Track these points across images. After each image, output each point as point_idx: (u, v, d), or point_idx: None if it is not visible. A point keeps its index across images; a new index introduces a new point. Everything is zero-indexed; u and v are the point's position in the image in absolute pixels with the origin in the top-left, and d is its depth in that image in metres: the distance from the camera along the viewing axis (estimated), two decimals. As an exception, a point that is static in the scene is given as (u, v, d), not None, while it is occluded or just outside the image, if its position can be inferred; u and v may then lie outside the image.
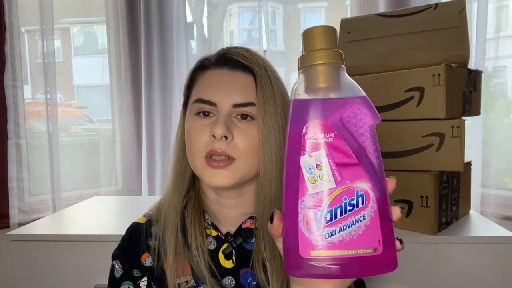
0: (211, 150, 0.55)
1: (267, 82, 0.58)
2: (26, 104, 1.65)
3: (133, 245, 0.64)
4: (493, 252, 0.94)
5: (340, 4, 1.91)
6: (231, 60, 0.60)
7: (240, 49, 0.61)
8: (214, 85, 0.59)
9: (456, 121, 0.91)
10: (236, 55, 0.60)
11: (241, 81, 0.58)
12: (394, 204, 0.39)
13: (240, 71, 0.59)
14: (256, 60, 0.59)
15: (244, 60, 0.59)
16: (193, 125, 0.58)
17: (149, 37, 1.77)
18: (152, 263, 0.63)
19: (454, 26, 0.99)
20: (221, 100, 0.57)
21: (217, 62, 0.60)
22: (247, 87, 0.58)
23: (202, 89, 0.60)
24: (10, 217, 1.56)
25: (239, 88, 0.58)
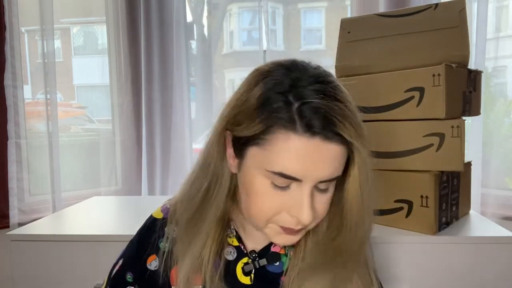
0: (288, 228, 0.51)
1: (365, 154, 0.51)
2: (26, 104, 1.65)
3: (143, 245, 0.62)
4: (493, 252, 0.94)
5: (340, 4, 1.90)
6: (326, 127, 0.46)
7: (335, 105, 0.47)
8: (303, 160, 0.46)
9: (456, 121, 0.91)
10: (334, 123, 0.46)
11: (334, 156, 0.48)
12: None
13: (335, 143, 0.47)
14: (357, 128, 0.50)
15: (344, 131, 0.47)
16: (266, 193, 0.50)
17: (149, 37, 1.77)
18: (157, 267, 0.60)
19: (454, 26, 0.98)
20: (307, 176, 0.47)
21: (309, 128, 0.46)
22: (339, 162, 0.49)
23: (287, 163, 0.47)
24: (10, 217, 1.56)
25: (331, 164, 0.48)
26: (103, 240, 1.01)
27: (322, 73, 0.51)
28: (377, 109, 1.02)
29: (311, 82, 0.48)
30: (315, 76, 0.49)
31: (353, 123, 0.48)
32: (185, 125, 1.85)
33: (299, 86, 0.47)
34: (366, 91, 1.04)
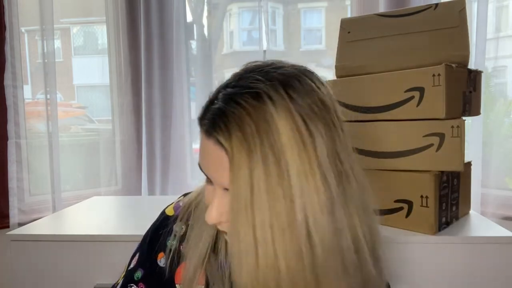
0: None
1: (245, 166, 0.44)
2: (26, 104, 1.65)
3: (155, 241, 0.63)
4: (493, 252, 0.94)
5: (340, 4, 1.90)
6: (205, 125, 0.48)
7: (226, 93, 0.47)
8: (202, 155, 0.49)
9: (456, 121, 0.91)
10: (210, 117, 0.47)
11: (212, 151, 0.46)
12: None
13: (213, 143, 0.46)
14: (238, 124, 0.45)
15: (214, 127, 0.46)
16: (205, 191, 0.53)
17: (149, 37, 1.76)
18: (165, 264, 0.60)
19: (454, 26, 0.99)
20: (211, 177, 0.48)
21: (199, 119, 0.50)
22: (218, 160, 0.46)
23: (199, 152, 0.50)
24: (10, 217, 1.56)
25: (212, 160, 0.47)
26: (103, 240, 1.01)
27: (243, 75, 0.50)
28: (377, 109, 1.02)
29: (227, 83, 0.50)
30: (236, 77, 0.50)
31: (233, 128, 0.45)
32: (185, 125, 1.85)
33: (219, 87, 0.51)
34: (366, 91, 1.04)
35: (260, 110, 0.44)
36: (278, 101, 0.45)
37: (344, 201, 0.47)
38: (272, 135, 0.43)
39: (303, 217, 0.43)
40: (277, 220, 0.43)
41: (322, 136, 0.46)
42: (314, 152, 0.44)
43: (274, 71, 0.49)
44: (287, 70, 0.49)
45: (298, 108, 0.45)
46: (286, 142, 0.43)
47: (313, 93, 0.48)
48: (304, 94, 0.46)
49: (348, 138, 0.51)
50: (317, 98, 0.47)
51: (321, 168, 0.45)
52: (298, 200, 0.43)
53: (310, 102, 0.46)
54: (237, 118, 0.44)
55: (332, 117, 0.48)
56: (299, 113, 0.45)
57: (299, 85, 0.47)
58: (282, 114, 0.44)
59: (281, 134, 0.43)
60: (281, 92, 0.45)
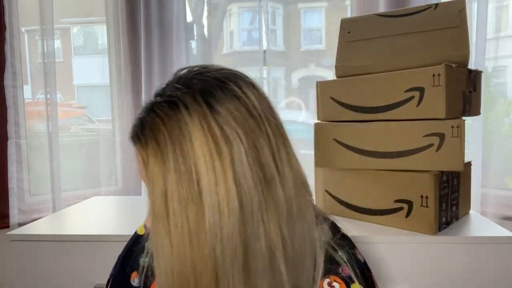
0: None
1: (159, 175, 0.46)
2: (26, 104, 1.65)
3: (126, 262, 0.63)
4: (493, 252, 0.94)
5: (340, 4, 1.90)
6: (130, 134, 0.52)
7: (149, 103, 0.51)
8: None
9: (456, 121, 0.91)
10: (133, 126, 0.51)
11: (140, 166, 0.50)
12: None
13: (136, 151, 0.51)
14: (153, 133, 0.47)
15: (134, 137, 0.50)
16: None
17: (149, 37, 1.76)
18: (139, 283, 0.61)
19: (454, 26, 0.99)
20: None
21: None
22: (140, 164, 0.50)
23: None
24: (10, 217, 1.56)
25: (142, 176, 0.50)
26: (103, 240, 1.01)
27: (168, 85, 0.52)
28: (377, 109, 1.02)
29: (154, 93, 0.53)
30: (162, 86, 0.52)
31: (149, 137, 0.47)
32: (185, 125, 1.84)
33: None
34: (366, 91, 1.04)
35: (174, 119, 0.46)
36: (194, 109, 0.46)
37: (263, 208, 0.46)
38: (185, 144, 0.44)
39: (211, 224, 0.44)
40: (188, 226, 0.44)
41: (242, 143, 0.45)
42: (230, 160, 0.44)
43: (196, 77, 0.49)
44: (210, 76, 0.50)
45: (215, 115, 0.45)
46: (198, 150, 0.44)
47: (235, 99, 0.47)
48: (224, 100, 0.47)
49: (283, 143, 0.50)
50: (239, 104, 0.47)
51: (236, 175, 0.44)
52: (207, 207, 0.44)
53: (231, 109, 0.46)
54: (153, 127, 0.47)
55: (258, 123, 0.48)
56: (216, 120, 0.45)
57: (220, 92, 0.47)
58: (196, 122, 0.45)
59: (194, 142, 0.44)
60: (198, 99, 0.46)
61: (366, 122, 1.04)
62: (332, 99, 1.10)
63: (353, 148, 1.06)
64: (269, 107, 0.51)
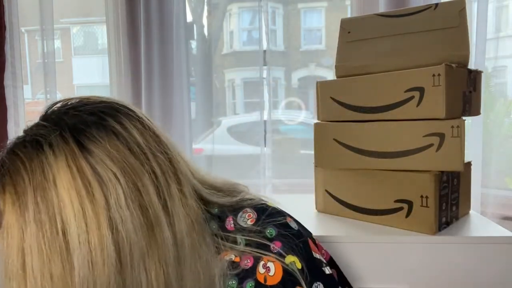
0: None
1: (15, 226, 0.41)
2: (26, 104, 1.65)
3: None
4: (493, 252, 0.94)
5: (340, 4, 1.90)
6: None
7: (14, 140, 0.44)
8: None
9: (456, 121, 0.91)
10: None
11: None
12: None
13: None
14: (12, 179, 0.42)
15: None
16: None
17: (149, 37, 1.76)
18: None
19: (454, 26, 0.99)
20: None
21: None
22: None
23: None
24: (10, 217, 1.56)
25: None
26: (103, 240, 1.01)
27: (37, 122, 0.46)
28: (377, 109, 1.02)
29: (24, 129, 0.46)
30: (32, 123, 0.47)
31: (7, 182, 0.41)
32: (185, 125, 1.85)
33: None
34: (366, 91, 1.04)
35: (37, 161, 0.41)
36: (60, 148, 0.41)
37: (145, 254, 0.41)
38: (49, 189, 0.40)
39: (81, 278, 0.39)
40: (51, 286, 0.38)
41: (120, 184, 0.41)
42: (104, 204, 0.40)
43: (68, 112, 0.44)
44: (85, 111, 0.45)
45: (86, 155, 0.41)
46: (65, 196, 0.39)
47: (113, 136, 0.44)
48: (99, 138, 0.43)
49: (175, 180, 0.46)
50: (117, 142, 0.43)
51: (111, 221, 0.40)
52: (77, 260, 0.38)
53: (108, 147, 0.42)
54: (12, 171, 0.41)
55: (141, 161, 0.44)
56: (87, 160, 0.41)
57: (94, 129, 0.43)
58: (62, 163, 0.40)
59: (59, 187, 0.39)
60: (67, 137, 0.42)
61: (366, 122, 1.04)
62: (332, 99, 1.10)
63: (353, 148, 1.06)
64: (157, 141, 0.47)
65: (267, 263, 0.48)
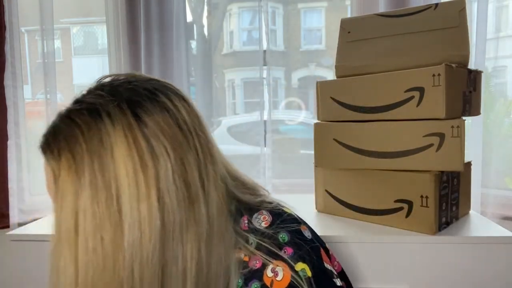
0: None
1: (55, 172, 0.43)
2: (26, 104, 1.65)
3: None
4: (493, 252, 0.94)
5: (340, 4, 1.90)
6: (40, 141, 0.47)
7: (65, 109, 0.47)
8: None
9: (456, 121, 0.91)
10: (44, 134, 0.47)
11: (49, 179, 0.46)
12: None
13: (45, 161, 0.47)
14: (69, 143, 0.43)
15: (45, 146, 0.46)
16: None
17: (149, 37, 1.76)
18: None
19: (454, 26, 0.99)
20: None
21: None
22: (47, 174, 0.47)
23: None
24: (10, 217, 1.56)
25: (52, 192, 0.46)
26: (103, 240, 1.01)
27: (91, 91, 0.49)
28: (377, 109, 1.02)
29: (73, 100, 0.50)
30: (83, 93, 0.50)
31: (63, 148, 0.43)
32: (185, 125, 1.84)
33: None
34: (366, 91, 1.04)
35: (95, 128, 0.42)
36: (118, 118, 0.42)
37: (184, 228, 0.43)
38: (106, 157, 0.41)
39: (130, 244, 0.40)
40: (102, 248, 0.40)
41: (169, 159, 0.42)
42: (155, 176, 0.41)
43: (123, 85, 0.46)
44: (139, 86, 0.46)
45: (142, 127, 0.42)
46: (120, 164, 0.41)
47: (165, 111, 0.45)
48: (153, 112, 0.44)
49: (211, 161, 0.48)
50: (169, 118, 0.45)
51: (159, 192, 0.41)
52: (127, 227, 0.40)
53: (160, 122, 0.44)
54: (69, 137, 0.42)
55: (187, 139, 0.45)
56: (143, 132, 0.42)
57: (149, 103, 0.44)
58: (120, 133, 0.41)
59: (116, 156, 0.41)
60: (125, 109, 0.43)
61: (366, 122, 1.04)
62: (332, 99, 1.10)
63: (353, 148, 1.06)
64: (199, 122, 0.48)
65: (276, 267, 0.48)
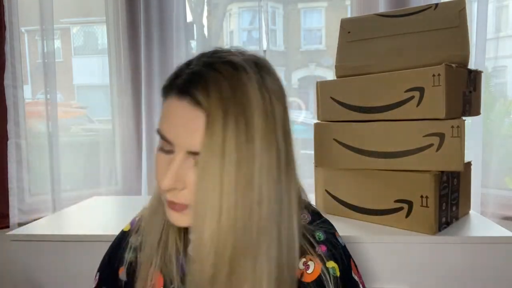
0: (168, 200, 0.50)
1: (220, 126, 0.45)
2: (26, 104, 1.65)
3: (114, 258, 0.64)
4: (493, 252, 0.94)
5: (340, 4, 1.90)
6: (177, 85, 0.48)
7: (204, 60, 0.50)
8: (168, 119, 0.49)
9: (456, 121, 0.91)
10: (186, 77, 0.48)
11: (186, 114, 0.46)
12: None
13: (187, 102, 0.47)
14: (216, 86, 0.46)
15: (192, 86, 0.47)
16: (157, 161, 0.52)
17: (149, 37, 1.76)
18: (126, 278, 0.61)
19: (454, 26, 0.99)
20: (175, 141, 0.48)
21: (167, 87, 0.51)
22: (191, 122, 0.46)
23: (160, 120, 0.51)
24: (10, 217, 1.56)
25: (184, 123, 0.47)
26: (103, 240, 1.01)
27: (218, 50, 0.52)
28: (377, 109, 1.02)
29: (198, 57, 0.52)
30: (207, 53, 0.52)
31: (211, 89, 0.46)
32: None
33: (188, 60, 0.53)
34: (366, 91, 1.04)
35: (236, 78, 0.47)
36: (252, 74, 0.48)
37: (289, 176, 0.50)
38: (246, 102, 0.46)
39: (258, 181, 0.46)
40: (240, 183, 0.45)
41: (280, 115, 0.49)
42: (274, 126, 0.48)
43: (246, 52, 0.52)
44: (257, 55, 0.53)
45: (266, 85, 0.48)
46: (255, 110, 0.46)
47: (277, 78, 0.52)
48: (271, 76, 0.51)
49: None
50: (278, 84, 0.52)
51: (277, 139, 0.48)
52: (258, 165, 0.46)
53: (275, 85, 0.50)
54: (216, 81, 0.46)
55: (286, 103, 0.52)
56: (267, 89, 0.48)
57: (269, 68, 0.52)
58: (254, 85, 0.47)
59: (252, 103, 0.46)
60: (254, 68, 0.49)
61: (366, 122, 1.04)
62: (332, 99, 1.10)
63: (353, 148, 1.06)
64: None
65: (308, 261, 0.53)
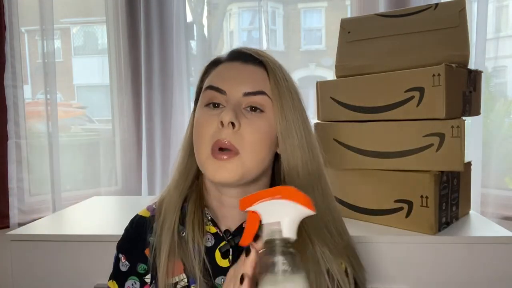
0: (217, 141, 0.55)
1: (280, 75, 0.59)
2: (26, 104, 1.65)
3: (138, 238, 0.64)
4: (493, 252, 0.94)
5: (340, 4, 1.90)
6: (243, 54, 0.61)
7: (253, 48, 0.64)
8: (225, 75, 0.60)
9: (456, 121, 0.91)
10: (249, 51, 0.62)
11: (252, 72, 0.59)
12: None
13: (252, 64, 0.60)
14: (269, 56, 0.62)
15: (257, 55, 0.61)
16: (202, 114, 0.59)
17: (149, 37, 1.76)
18: (151, 260, 0.62)
19: (454, 26, 0.99)
20: (231, 88, 0.57)
21: (230, 56, 0.63)
22: (259, 77, 0.59)
23: (213, 78, 0.61)
24: (10, 217, 1.56)
25: (251, 78, 0.58)
26: (103, 240, 1.01)
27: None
28: (377, 109, 1.02)
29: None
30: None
31: (267, 54, 0.62)
32: (185, 125, 1.84)
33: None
34: (366, 91, 1.04)
35: (281, 65, 0.62)
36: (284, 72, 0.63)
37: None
38: (290, 80, 0.62)
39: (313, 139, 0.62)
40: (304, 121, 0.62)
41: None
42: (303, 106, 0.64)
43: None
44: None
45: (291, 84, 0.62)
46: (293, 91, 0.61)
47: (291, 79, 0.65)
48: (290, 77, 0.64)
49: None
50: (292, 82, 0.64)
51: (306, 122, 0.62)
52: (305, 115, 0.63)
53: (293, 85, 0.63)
54: (271, 59, 0.61)
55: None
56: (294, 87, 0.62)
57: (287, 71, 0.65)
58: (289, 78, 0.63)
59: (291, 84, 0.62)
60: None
61: (366, 122, 1.04)
62: (332, 99, 1.10)
63: (353, 148, 1.06)
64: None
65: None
